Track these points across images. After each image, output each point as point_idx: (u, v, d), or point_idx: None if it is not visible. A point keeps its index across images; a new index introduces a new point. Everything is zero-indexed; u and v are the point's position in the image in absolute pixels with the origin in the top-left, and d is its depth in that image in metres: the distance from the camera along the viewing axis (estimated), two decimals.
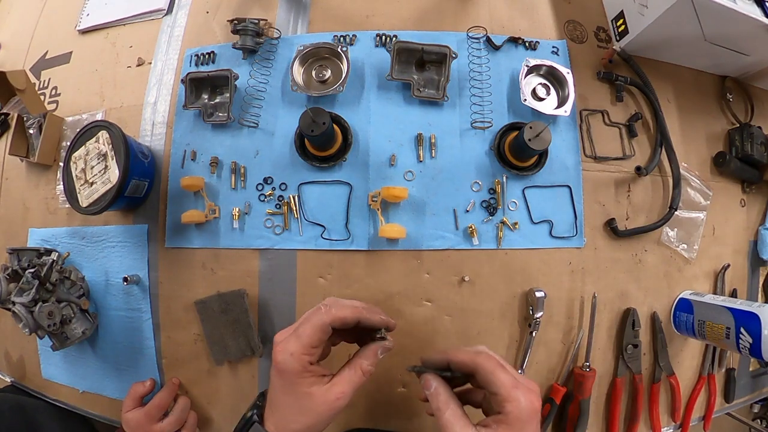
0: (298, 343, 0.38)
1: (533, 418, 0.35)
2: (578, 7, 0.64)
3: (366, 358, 0.40)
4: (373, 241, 0.56)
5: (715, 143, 0.66)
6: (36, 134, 0.66)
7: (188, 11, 0.66)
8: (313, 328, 0.38)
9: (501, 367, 0.37)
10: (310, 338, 0.38)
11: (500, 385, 0.36)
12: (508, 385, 0.35)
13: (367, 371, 0.40)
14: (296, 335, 0.38)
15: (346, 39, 0.61)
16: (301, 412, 0.38)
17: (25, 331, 0.53)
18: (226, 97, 0.59)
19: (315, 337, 0.38)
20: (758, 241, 0.67)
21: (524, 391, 0.36)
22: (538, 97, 0.59)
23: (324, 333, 0.39)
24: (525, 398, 0.35)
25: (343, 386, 0.39)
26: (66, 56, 0.71)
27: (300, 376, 0.38)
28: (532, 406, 0.35)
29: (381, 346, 0.41)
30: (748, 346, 0.50)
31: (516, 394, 0.35)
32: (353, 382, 0.39)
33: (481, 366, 0.37)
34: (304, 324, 0.39)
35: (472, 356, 0.38)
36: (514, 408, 0.35)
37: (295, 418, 0.38)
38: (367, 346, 0.41)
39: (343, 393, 0.38)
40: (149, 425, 0.55)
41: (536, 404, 0.36)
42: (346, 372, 0.40)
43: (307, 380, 0.38)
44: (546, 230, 0.58)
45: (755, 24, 0.52)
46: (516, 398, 0.35)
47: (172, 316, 0.59)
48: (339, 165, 0.57)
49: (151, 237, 0.60)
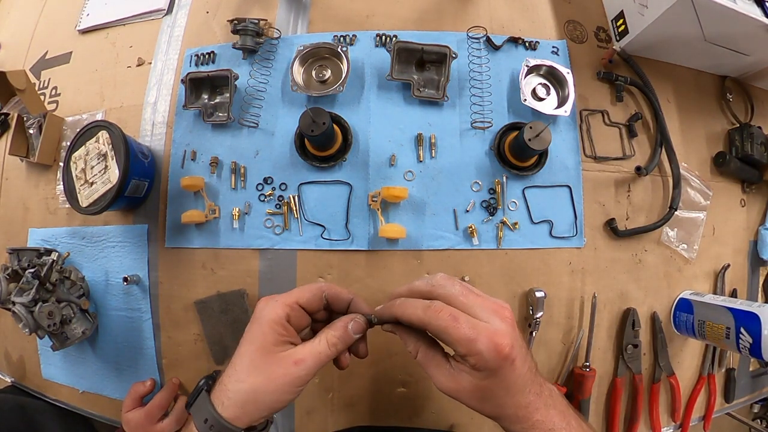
0: (287, 296, 0.37)
1: (502, 362, 0.32)
2: (578, 7, 0.64)
3: (334, 329, 0.37)
4: (373, 241, 0.56)
5: (715, 143, 0.66)
6: (36, 134, 0.66)
7: (188, 11, 0.66)
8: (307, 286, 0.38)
9: (453, 320, 0.32)
10: (300, 293, 0.37)
11: (456, 343, 0.32)
12: (464, 341, 0.32)
13: (333, 344, 0.36)
14: (288, 292, 0.38)
15: (346, 39, 0.61)
16: (252, 370, 0.35)
17: (25, 331, 0.53)
18: (226, 97, 0.59)
19: (305, 294, 0.37)
20: (758, 241, 0.67)
21: (485, 340, 0.32)
22: (538, 97, 0.59)
23: (314, 296, 0.38)
24: (487, 348, 0.32)
25: (303, 353, 0.35)
26: (66, 56, 0.71)
27: (271, 326, 0.35)
28: (497, 354, 0.32)
29: (351, 319, 0.37)
30: (748, 346, 0.50)
31: (475, 348, 0.32)
32: (316, 351, 0.35)
33: (430, 326, 0.33)
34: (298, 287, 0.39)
35: (419, 315, 0.34)
36: (478, 361, 0.32)
37: (244, 376, 0.35)
38: (337, 319, 0.38)
39: (302, 359, 0.35)
40: (149, 425, 0.55)
41: (503, 349, 0.32)
42: (309, 341, 0.37)
43: (275, 336, 0.35)
44: (546, 230, 0.58)
45: (755, 24, 0.52)
46: (477, 352, 0.32)
47: (172, 316, 0.59)
48: (339, 165, 0.57)
49: (151, 237, 0.60)
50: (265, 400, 0.35)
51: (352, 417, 0.57)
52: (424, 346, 0.37)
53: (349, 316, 0.38)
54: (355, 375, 0.56)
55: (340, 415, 0.57)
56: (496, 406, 0.34)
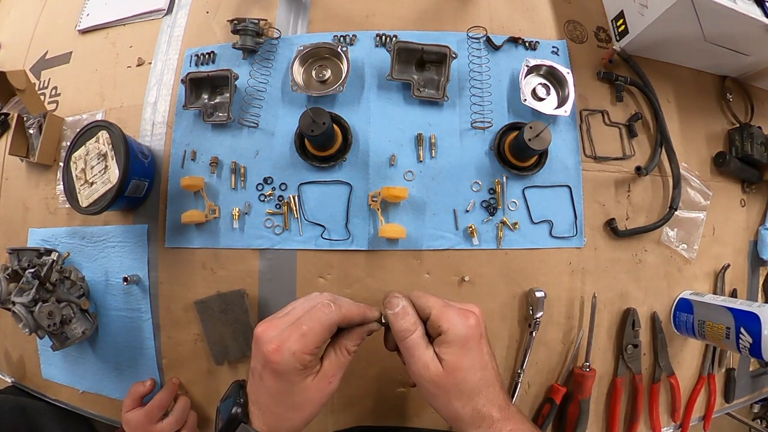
0: (302, 342, 0.35)
1: (472, 333, 0.38)
2: (578, 7, 0.64)
3: (350, 339, 0.40)
4: (373, 241, 0.56)
5: (715, 143, 0.66)
6: (36, 134, 0.66)
7: (188, 11, 0.66)
8: (321, 326, 0.36)
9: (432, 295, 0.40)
10: (317, 338, 0.36)
11: (431, 305, 0.39)
12: (438, 305, 0.39)
13: (352, 351, 0.40)
14: (300, 333, 0.35)
15: (346, 39, 0.61)
16: (297, 408, 0.37)
17: (25, 331, 0.53)
18: (226, 97, 0.59)
19: (321, 336, 0.36)
20: (758, 241, 0.67)
21: (456, 310, 0.38)
22: (538, 97, 0.59)
23: (330, 333, 0.38)
24: (457, 316, 0.38)
25: (332, 369, 0.38)
26: (66, 56, 0.71)
27: (298, 375, 0.36)
28: (466, 322, 0.38)
29: (368, 329, 0.41)
30: (748, 346, 0.50)
31: (447, 313, 0.38)
32: (341, 363, 0.39)
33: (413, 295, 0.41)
34: (310, 322, 0.36)
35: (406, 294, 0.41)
36: (450, 326, 0.37)
37: (291, 415, 0.37)
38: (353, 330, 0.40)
39: (333, 376, 0.38)
40: (149, 425, 0.54)
41: (471, 320, 0.38)
42: (332, 355, 0.39)
43: (303, 376, 0.37)
44: (546, 230, 0.58)
45: (755, 24, 0.52)
46: (448, 317, 0.38)
47: (172, 316, 0.59)
48: (339, 165, 0.57)
49: (151, 237, 0.60)
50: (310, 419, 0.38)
51: (352, 417, 0.57)
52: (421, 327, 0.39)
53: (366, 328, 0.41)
54: (355, 375, 0.56)
55: (340, 415, 0.57)
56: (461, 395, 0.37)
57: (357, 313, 0.39)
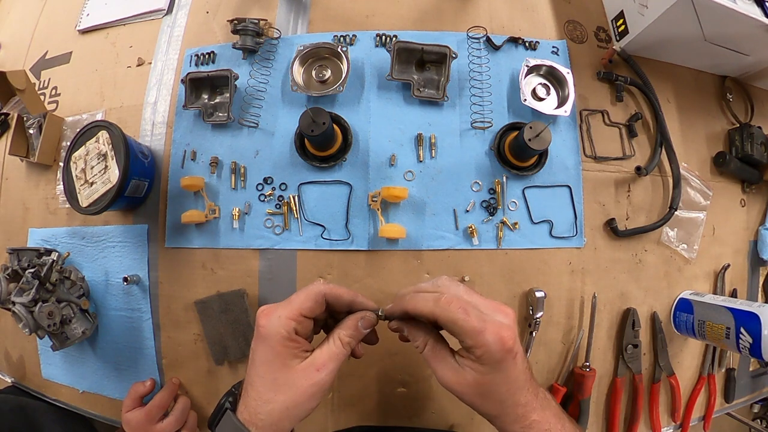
0: (287, 307, 0.36)
1: (506, 354, 0.34)
2: (578, 7, 0.64)
3: (345, 329, 0.38)
4: (373, 241, 0.56)
5: (715, 143, 0.66)
6: (36, 134, 0.66)
7: (188, 11, 0.66)
8: (306, 293, 0.37)
9: (463, 312, 0.34)
10: (302, 304, 0.36)
11: (465, 334, 0.34)
12: (473, 332, 0.34)
13: (347, 343, 0.37)
14: (287, 301, 0.37)
15: (346, 39, 0.61)
16: (278, 387, 0.35)
17: (25, 331, 0.53)
18: (226, 97, 0.59)
19: (307, 303, 0.36)
20: (758, 241, 0.67)
21: (491, 333, 0.34)
22: (538, 97, 0.59)
23: (317, 303, 0.37)
24: (494, 340, 0.33)
25: (323, 358, 0.36)
26: (66, 56, 0.71)
27: (282, 344, 0.35)
28: (502, 346, 0.34)
29: (361, 317, 0.39)
30: (748, 346, 0.50)
31: (483, 339, 0.33)
32: (333, 353, 0.37)
33: (441, 317, 0.35)
34: (297, 293, 0.37)
35: (431, 307, 0.35)
36: (484, 352, 0.34)
37: (271, 396, 0.35)
38: (346, 318, 0.39)
39: (323, 365, 0.36)
40: (149, 425, 0.55)
41: (507, 342, 0.34)
42: (325, 345, 0.37)
43: (289, 351, 0.36)
44: (546, 230, 0.58)
45: (755, 24, 0.52)
46: (483, 344, 0.33)
47: (172, 316, 0.59)
48: (339, 165, 0.57)
49: (151, 237, 0.60)
50: (297, 413, 0.35)
51: (352, 417, 0.57)
52: (432, 341, 0.38)
53: (359, 314, 0.39)
54: (355, 375, 0.56)
55: (340, 415, 0.57)
56: (497, 402, 0.35)
57: (346, 292, 0.39)
